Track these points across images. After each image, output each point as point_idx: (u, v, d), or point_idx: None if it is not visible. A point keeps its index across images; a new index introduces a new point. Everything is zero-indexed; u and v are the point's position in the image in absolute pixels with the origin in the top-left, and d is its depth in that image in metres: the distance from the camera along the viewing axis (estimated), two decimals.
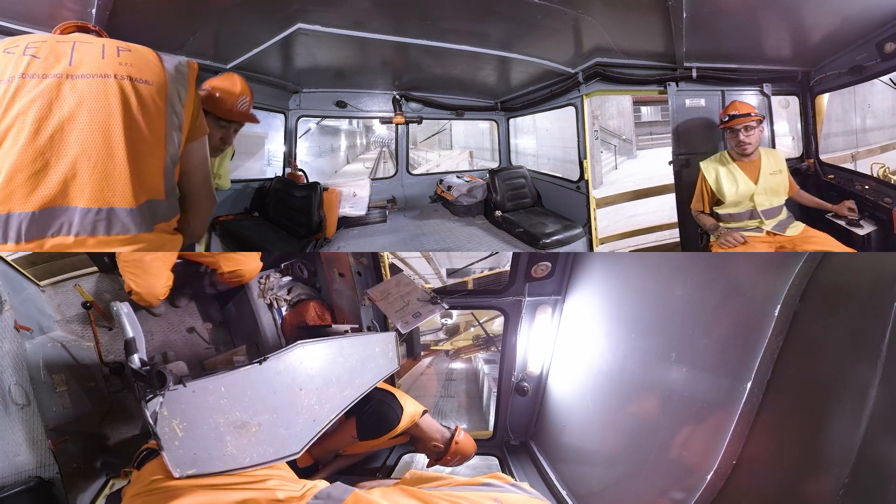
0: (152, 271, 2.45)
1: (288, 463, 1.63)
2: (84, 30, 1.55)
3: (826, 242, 2.64)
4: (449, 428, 2.62)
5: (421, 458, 3.24)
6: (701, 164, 2.93)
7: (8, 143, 1.04)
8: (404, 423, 2.48)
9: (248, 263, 2.80)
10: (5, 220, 1.03)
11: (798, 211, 3.04)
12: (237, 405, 1.48)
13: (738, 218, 2.85)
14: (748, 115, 2.78)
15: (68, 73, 1.13)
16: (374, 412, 2.41)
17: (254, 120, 2.42)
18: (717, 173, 2.85)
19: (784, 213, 2.85)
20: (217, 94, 2.25)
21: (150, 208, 1.18)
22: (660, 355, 1.79)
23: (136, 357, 1.44)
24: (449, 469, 2.78)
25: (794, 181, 2.97)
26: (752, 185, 2.79)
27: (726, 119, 2.84)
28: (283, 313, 2.99)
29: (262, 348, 2.88)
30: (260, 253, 2.91)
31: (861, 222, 2.75)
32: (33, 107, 1.07)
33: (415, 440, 2.63)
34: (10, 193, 1.03)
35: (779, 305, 1.28)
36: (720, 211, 2.88)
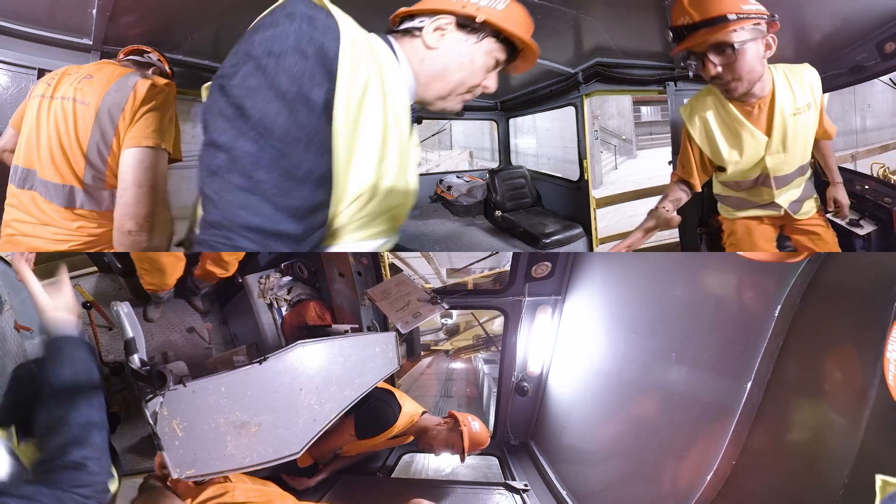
0: (166, 269, 2.54)
1: (288, 463, 1.64)
2: (139, 52, 2.03)
3: (829, 240, 2.12)
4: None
5: (421, 459, 3.24)
6: (681, 109, 1.86)
7: (29, 133, 1.67)
8: (402, 422, 2.47)
9: (167, 278, 2.57)
10: (15, 169, 1.68)
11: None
12: (237, 405, 1.48)
13: (743, 186, 1.97)
14: (720, 20, 1.45)
15: (51, 95, 1.65)
16: (371, 410, 2.41)
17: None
18: (707, 125, 1.76)
19: (806, 175, 1.91)
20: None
21: (73, 191, 1.64)
22: (660, 355, 1.79)
23: (136, 357, 1.44)
24: (449, 469, 2.78)
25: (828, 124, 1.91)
26: (763, 139, 1.72)
27: (671, 37, 1.59)
28: (283, 313, 2.99)
29: (262, 348, 2.88)
30: (180, 255, 2.53)
31: (861, 222, 2.74)
32: (32, 114, 1.67)
33: (420, 436, 2.62)
34: (20, 157, 1.69)
35: (779, 305, 1.28)
36: (720, 179, 2.05)
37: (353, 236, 0.98)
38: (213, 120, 0.79)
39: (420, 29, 1.11)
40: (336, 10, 0.91)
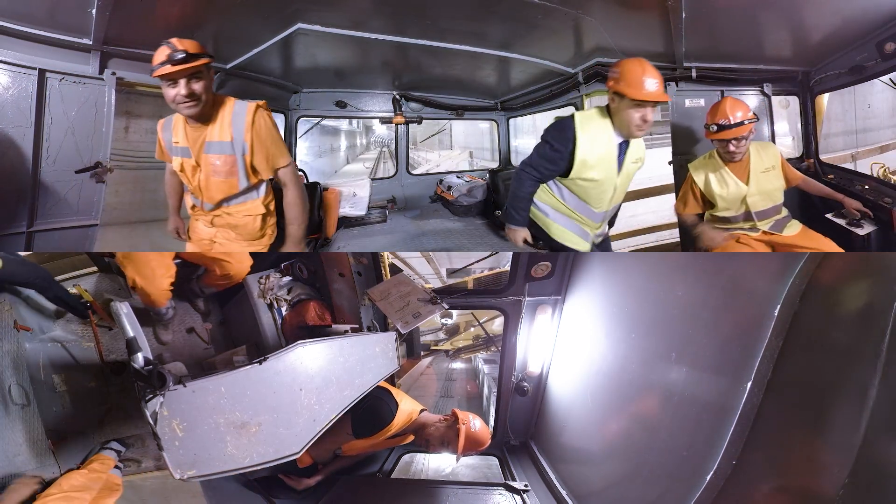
0: (149, 271, 2.37)
1: (287, 463, 1.64)
2: None
3: (824, 245, 2.56)
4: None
5: (421, 459, 3.24)
6: (690, 166, 2.77)
7: None
8: (400, 419, 2.47)
9: (155, 282, 2.37)
10: None
11: (798, 210, 3.01)
12: (237, 405, 1.48)
13: (734, 220, 2.73)
14: (741, 124, 2.49)
15: None
16: (368, 408, 2.40)
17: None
18: (707, 177, 2.68)
19: (783, 213, 2.74)
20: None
21: None
22: (660, 355, 1.79)
23: (139, 356, 1.43)
24: (449, 469, 2.77)
25: (797, 169, 2.81)
26: (744, 187, 2.63)
27: (714, 129, 2.56)
28: (283, 313, 2.99)
29: (262, 348, 2.88)
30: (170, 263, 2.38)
31: (861, 222, 2.75)
32: None
33: (421, 435, 2.61)
34: None
35: (779, 305, 1.28)
36: (714, 214, 2.76)
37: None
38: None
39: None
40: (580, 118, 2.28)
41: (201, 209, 2.32)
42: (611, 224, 2.67)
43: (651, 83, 2.15)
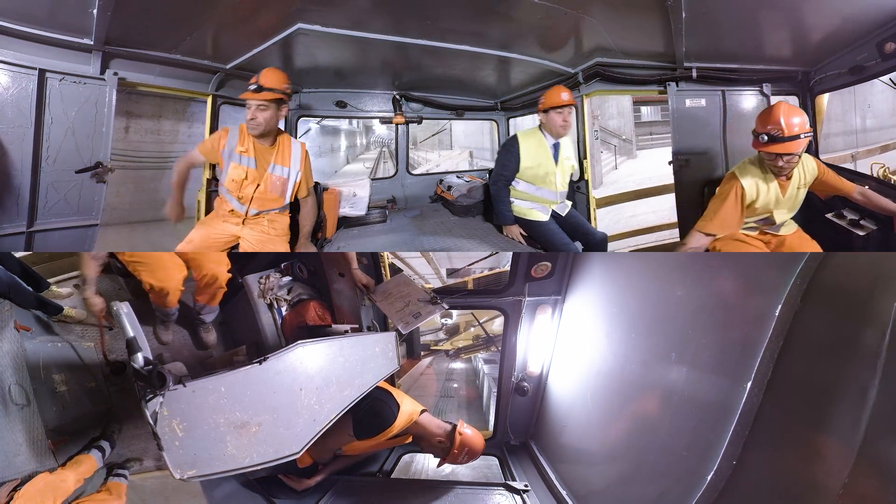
0: (163, 273, 2.45)
1: (287, 463, 1.64)
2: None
3: (812, 248, 2.55)
4: (451, 423, 2.63)
5: (421, 459, 3.24)
6: (739, 175, 2.47)
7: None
8: (401, 421, 2.47)
9: (172, 280, 2.49)
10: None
11: (798, 209, 2.97)
12: (237, 405, 1.48)
13: (749, 223, 2.62)
14: (796, 138, 2.24)
15: None
16: (369, 410, 2.40)
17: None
18: (757, 187, 2.45)
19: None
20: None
21: None
22: (660, 355, 1.79)
23: (139, 356, 1.43)
24: (449, 469, 2.78)
25: (846, 179, 2.62)
26: (781, 199, 2.52)
27: (765, 139, 2.30)
28: (283, 313, 2.99)
29: (262, 348, 2.88)
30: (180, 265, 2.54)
31: (861, 222, 2.74)
32: None
33: (417, 439, 2.63)
34: None
35: (779, 305, 1.28)
36: None
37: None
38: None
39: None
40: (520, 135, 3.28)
41: (243, 214, 2.72)
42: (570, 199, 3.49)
43: (564, 95, 3.13)
